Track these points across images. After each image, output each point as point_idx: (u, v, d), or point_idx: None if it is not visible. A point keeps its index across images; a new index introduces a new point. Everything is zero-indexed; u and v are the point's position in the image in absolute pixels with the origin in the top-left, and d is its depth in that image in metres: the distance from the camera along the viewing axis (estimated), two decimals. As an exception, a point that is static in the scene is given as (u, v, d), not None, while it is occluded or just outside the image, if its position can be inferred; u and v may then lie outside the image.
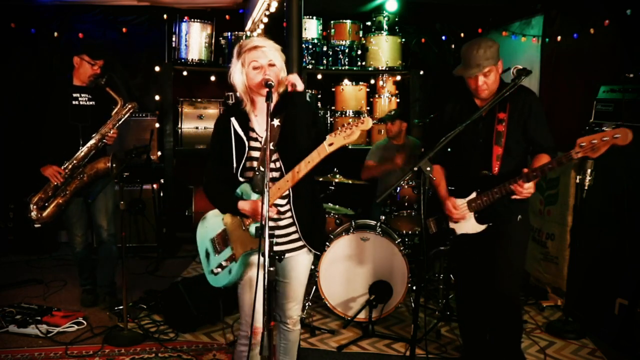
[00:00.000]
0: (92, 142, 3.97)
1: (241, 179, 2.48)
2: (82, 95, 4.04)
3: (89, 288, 4.34)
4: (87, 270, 4.32)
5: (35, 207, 3.93)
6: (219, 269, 2.54)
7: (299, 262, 2.58)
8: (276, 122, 2.46)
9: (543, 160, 2.83)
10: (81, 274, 4.34)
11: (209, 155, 2.58)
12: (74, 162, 3.96)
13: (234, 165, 2.46)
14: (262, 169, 2.42)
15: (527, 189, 2.73)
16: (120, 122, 4.03)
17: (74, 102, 4.02)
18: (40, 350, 3.51)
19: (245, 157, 2.46)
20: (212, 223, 2.60)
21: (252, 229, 2.42)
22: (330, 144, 2.22)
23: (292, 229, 2.53)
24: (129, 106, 4.04)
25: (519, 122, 2.91)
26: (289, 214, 2.51)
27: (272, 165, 2.45)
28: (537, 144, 2.93)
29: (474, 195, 2.95)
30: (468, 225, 3.01)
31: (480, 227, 2.98)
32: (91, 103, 4.07)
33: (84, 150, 3.97)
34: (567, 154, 2.63)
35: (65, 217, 4.11)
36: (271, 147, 2.41)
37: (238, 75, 2.43)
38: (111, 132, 3.98)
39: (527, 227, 3.16)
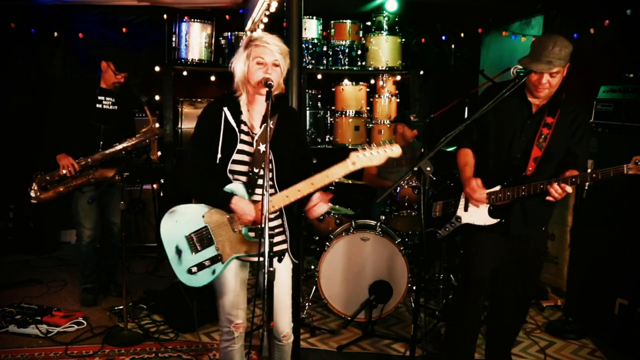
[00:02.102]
0: (112, 150, 4.09)
1: (229, 175, 2.42)
2: (107, 98, 4.20)
3: (89, 287, 4.35)
4: (90, 268, 4.33)
5: (36, 185, 4.03)
6: (198, 269, 2.45)
7: (281, 266, 2.53)
8: (269, 124, 2.45)
9: (572, 174, 2.72)
10: (83, 272, 4.35)
11: (193, 140, 2.49)
12: (89, 160, 4.04)
13: (219, 155, 2.41)
14: (255, 170, 2.41)
15: (564, 192, 2.63)
16: (144, 142, 4.18)
17: (97, 105, 4.15)
18: (40, 350, 3.51)
19: (235, 150, 2.42)
20: (187, 219, 2.45)
21: (251, 233, 2.39)
22: (354, 163, 2.26)
23: (280, 230, 2.52)
24: (157, 131, 4.20)
25: (566, 131, 2.81)
26: (278, 222, 2.51)
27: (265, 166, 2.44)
28: (574, 158, 2.81)
29: (497, 188, 2.87)
30: (477, 215, 2.94)
31: (490, 221, 2.91)
32: (114, 107, 4.21)
33: (102, 154, 4.07)
34: (618, 168, 2.51)
35: (75, 210, 4.17)
36: (264, 149, 2.40)
37: (240, 64, 2.42)
38: (132, 144, 4.13)
39: (547, 237, 3.11)
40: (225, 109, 2.45)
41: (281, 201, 2.36)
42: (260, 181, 2.43)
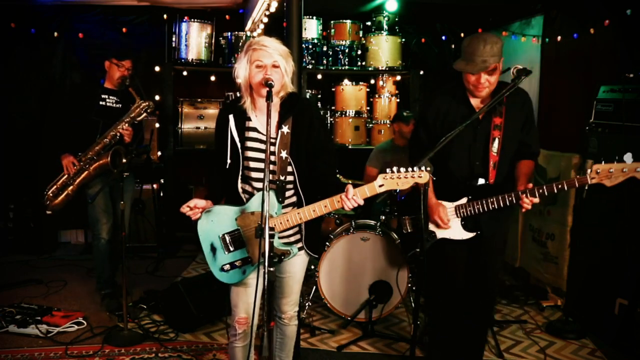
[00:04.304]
0: (105, 137, 4.07)
1: (249, 182, 2.51)
2: (111, 97, 4.22)
3: (110, 292, 4.26)
4: (107, 271, 4.26)
5: (50, 195, 4.09)
6: (229, 267, 2.51)
7: (296, 260, 2.61)
8: (285, 128, 2.47)
9: (529, 167, 2.82)
10: (101, 276, 4.28)
11: (215, 146, 2.65)
12: (89, 154, 4.05)
13: (228, 161, 2.51)
14: (282, 177, 2.45)
15: (534, 202, 2.68)
16: (135, 120, 4.14)
17: (101, 103, 4.18)
18: (40, 350, 3.51)
19: (241, 157, 2.48)
20: (221, 220, 2.52)
21: (276, 239, 2.45)
22: (381, 185, 2.29)
23: (295, 230, 2.57)
24: (143, 104, 4.13)
25: (515, 127, 2.84)
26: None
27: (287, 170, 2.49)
28: (527, 147, 2.88)
29: (464, 201, 2.87)
30: (452, 230, 2.92)
31: (467, 235, 2.91)
32: (118, 105, 4.22)
33: (98, 144, 4.06)
34: (582, 177, 2.58)
35: (92, 207, 4.14)
36: (285, 155, 2.45)
37: (242, 71, 2.44)
38: (125, 126, 4.06)
39: (506, 235, 3.18)
40: (231, 117, 2.50)
41: (308, 215, 2.41)
42: (289, 186, 2.50)
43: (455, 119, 2.83)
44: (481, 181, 2.86)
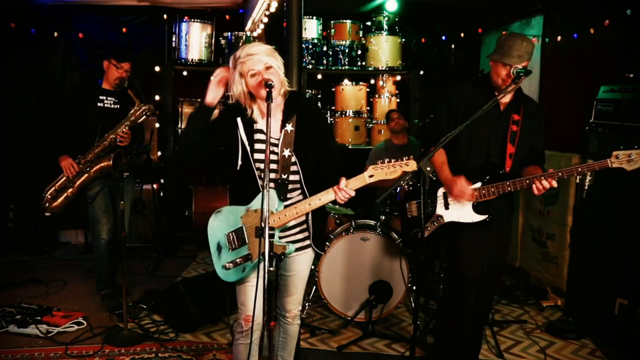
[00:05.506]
0: (105, 140, 4.05)
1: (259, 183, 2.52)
2: (109, 98, 4.19)
3: (109, 292, 4.26)
4: (107, 271, 4.26)
5: (49, 197, 4.07)
6: (231, 265, 2.53)
7: (303, 258, 2.63)
8: (289, 127, 2.48)
9: (538, 169, 2.88)
10: (100, 276, 4.27)
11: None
12: (88, 157, 4.04)
13: (240, 163, 2.51)
14: (284, 176, 2.46)
15: (551, 186, 2.76)
16: (135, 123, 4.12)
17: (99, 104, 4.15)
18: (40, 350, 3.51)
19: (251, 160, 2.49)
20: (229, 218, 2.55)
21: (282, 239, 2.47)
22: (371, 176, 2.33)
23: (303, 227, 2.59)
24: (144, 107, 4.11)
25: (530, 127, 2.98)
26: (302, 218, 2.55)
27: (291, 169, 2.50)
28: (536, 152, 3.00)
29: (478, 184, 2.94)
30: (461, 213, 2.99)
31: (478, 218, 2.97)
32: (116, 107, 4.19)
33: (98, 147, 4.05)
34: (602, 162, 2.65)
35: (92, 208, 4.13)
36: (288, 153, 2.46)
37: (237, 86, 2.46)
38: (124, 130, 4.04)
39: (511, 225, 3.30)
40: (239, 119, 2.52)
41: (304, 209, 2.43)
42: (291, 186, 2.51)
43: (478, 105, 2.88)
44: (497, 168, 2.96)
